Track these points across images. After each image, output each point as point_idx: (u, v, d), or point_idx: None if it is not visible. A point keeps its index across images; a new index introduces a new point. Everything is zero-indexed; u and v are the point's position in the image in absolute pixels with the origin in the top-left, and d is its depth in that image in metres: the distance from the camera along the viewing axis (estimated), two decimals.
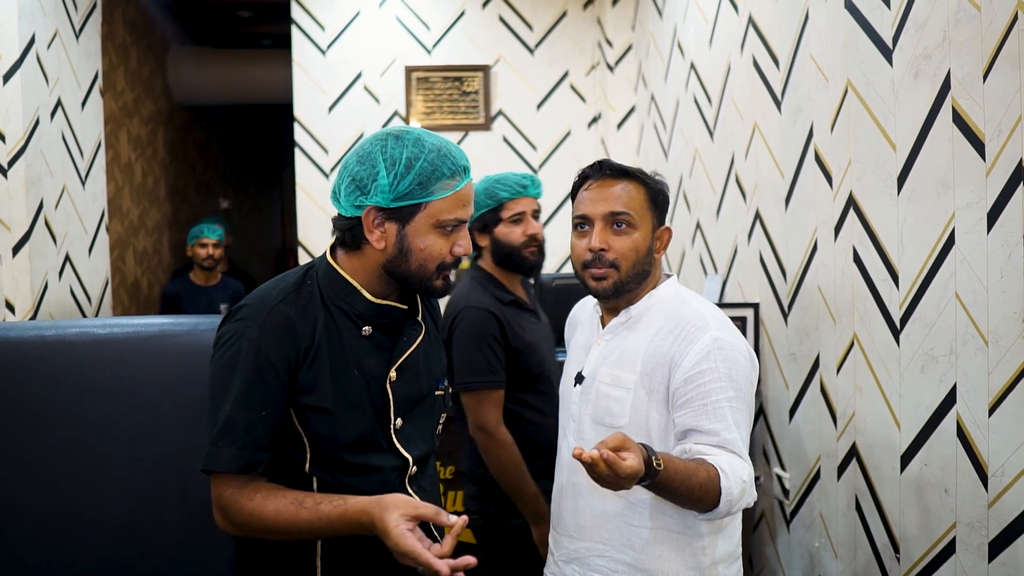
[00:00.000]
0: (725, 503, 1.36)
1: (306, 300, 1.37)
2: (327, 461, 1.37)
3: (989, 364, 1.71)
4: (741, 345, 1.50)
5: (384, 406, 1.41)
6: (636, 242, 1.54)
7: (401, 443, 1.42)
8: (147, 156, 5.42)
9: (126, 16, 5.01)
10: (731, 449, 1.41)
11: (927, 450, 1.93)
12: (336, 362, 1.36)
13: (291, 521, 1.28)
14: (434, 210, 1.35)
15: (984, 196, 1.71)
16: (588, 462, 1.19)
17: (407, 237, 1.35)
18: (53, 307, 3.04)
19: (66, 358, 1.62)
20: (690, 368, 1.45)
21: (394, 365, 1.42)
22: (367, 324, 1.40)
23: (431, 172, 1.33)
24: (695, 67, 3.48)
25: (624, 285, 1.55)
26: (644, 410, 1.49)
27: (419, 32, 4.49)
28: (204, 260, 4.41)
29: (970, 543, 1.77)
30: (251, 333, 1.32)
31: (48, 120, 3.03)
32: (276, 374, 1.32)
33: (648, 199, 1.56)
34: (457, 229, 1.38)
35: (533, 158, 4.57)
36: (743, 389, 1.47)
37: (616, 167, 1.57)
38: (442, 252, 1.37)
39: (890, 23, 2.03)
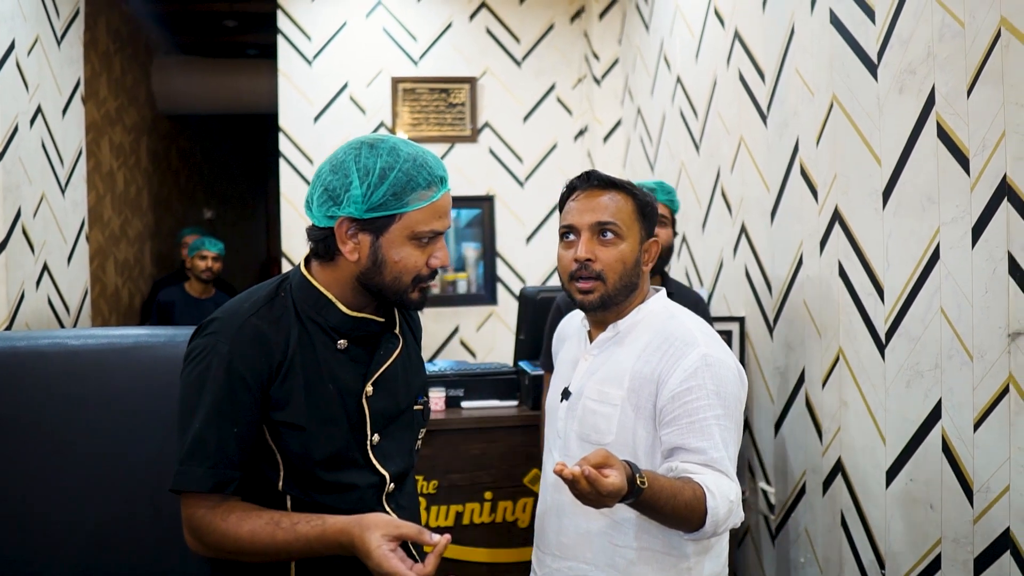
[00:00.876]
0: (711, 523, 1.32)
1: (279, 313, 1.33)
2: (301, 479, 1.32)
3: (974, 379, 1.70)
4: (730, 362, 1.47)
5: (360, 422, 1.36)
6: (623, 253, 1.52)
7: (378, 460, 1.37)
8: (130, 165, 5.37)
9: (110, 24, 4.97)
10: (718, 468, 1.37)
11: (912, 465, 1.92)
12: (310, 377, 1.32)
13: (267, 542, 1.23)
14: (409, 221, 1.30)
15: (969, 211, 1.71)
16: (569, 479, 1.16)
17: (381, 249, 1.31)
18: (30, 317, 2.99)
19: (39, 369, 1.59)
20: (677, 385, 1.42)
21: (370, 379, 1.37)
22: (342, 337, 1.35)
23: (406, 183, 1.29)
24: (681, 81, 3.49)
25: (611, 298, 1.52)
26: (631, 427, 1.46)
27: (406, 43, 4.49)
28: (203, 272, 4.38)
29: (955, 559, 1.76)
30: (222, 348, 1.27)
31: (27, 127, 2.99)
32: (248, 390, 1.27)
33: (636, 210, 1.54)
34: (434, 241, 1.33)
35: (519, 170, 4.57)
36: (731, 407, 1.43)
37: (604, 178, 1.55)
38: (417, 264, 1.32)
39: (875, 38, 2.04)
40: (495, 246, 4.56)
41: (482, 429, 2.55)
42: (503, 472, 2.56)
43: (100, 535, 1.59)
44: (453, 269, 4.61)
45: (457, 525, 2.52)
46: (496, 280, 4.55)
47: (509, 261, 4.56)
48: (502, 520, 2.55)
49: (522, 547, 2.55)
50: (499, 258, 4.56)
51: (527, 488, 2.56)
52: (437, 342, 4.49)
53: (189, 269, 4.46)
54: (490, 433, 2.56)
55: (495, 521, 2.55)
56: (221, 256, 4.45)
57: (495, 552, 2.55)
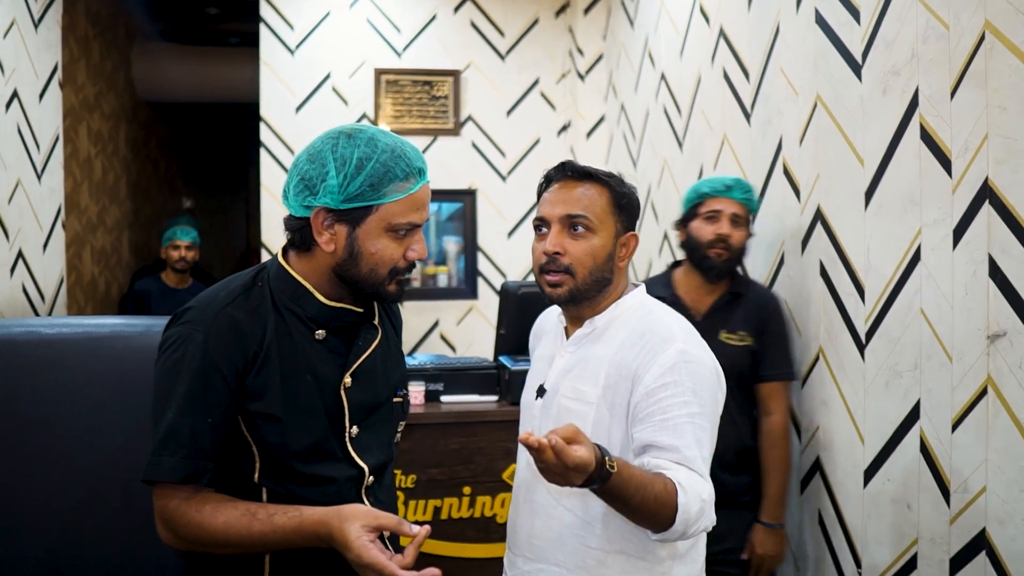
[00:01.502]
0: (681, 521, 1.27)
1: (256, 303, 1.31)
2: (277, 471, 1.30)
3: (953, 380, 1.71)
4: (708, 360, 1.43)
5: (339, 413, 1.34)
6: (594, 247, 1.46)
7: (357, 452, 1.36)
8: (108, 152, 5.29)
9: (89, 8, 4.89)
10: (690, 467, 1.32)
11: (890, 465, 1.93)
12: (287, 367, 1.30)
13: (243, 534, 1.22)
14: (386, 213, 1.28)
15: (950, 213, 1.72)
16: (535, 446, 1.11)
17: (357, 240, 1.29)
18: (3, 305, 2.93)
19: (12, 358, 1.56)
20: (652, 381, 1.37)
21: (348, 370, 1.35)
22: (320, 328, 1.34)
23: (383, 173, 1.27)
24: (665, 77, 3.49)
25: (581, 293, 1.47)
26: (606, 426, 1.42)
27: (389, 34, 4.45)
28: (177, 262, 4.31)
29: (932, 559, 1.78)
30: (197, 337, 1.26)
31: (3, 111, 2.93)
32: (223, 379, 1.26)
33: (612, 203, 1.49)
34: (411, 233, 1.31)
35: (502, 165, 4.55)
36: (707, 406, 1.38)
37: (579, 169, 1.50)
38: (394, 257, 1.30)
39: (859, 39, 2.04)
40: (476, 240, 4.54)
41: (461, 424, 2.54)
42: (482, 467, 2.55)
43: (71, 524, 1.56)
44: (434, 263, 4.59)
45: (435, 520, 2.51)
46: (477, 274, 4.54)
47: (490, 255, 4.54)
48: (481, 515, 2.55)
49: (500, 542, 2.54)
50: (480, 252, 4.54)
51: (506, 483, 2.55)
52: (417, 336, 4.47)
53: (164, 260, 4.41)
54: (470, 428, 2.55)
55: (473, 516, 2.54)
56: (195, 245, 4.38)
57: (473, 547, 2.55)
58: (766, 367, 2.25)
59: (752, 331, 2.26)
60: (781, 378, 2.26)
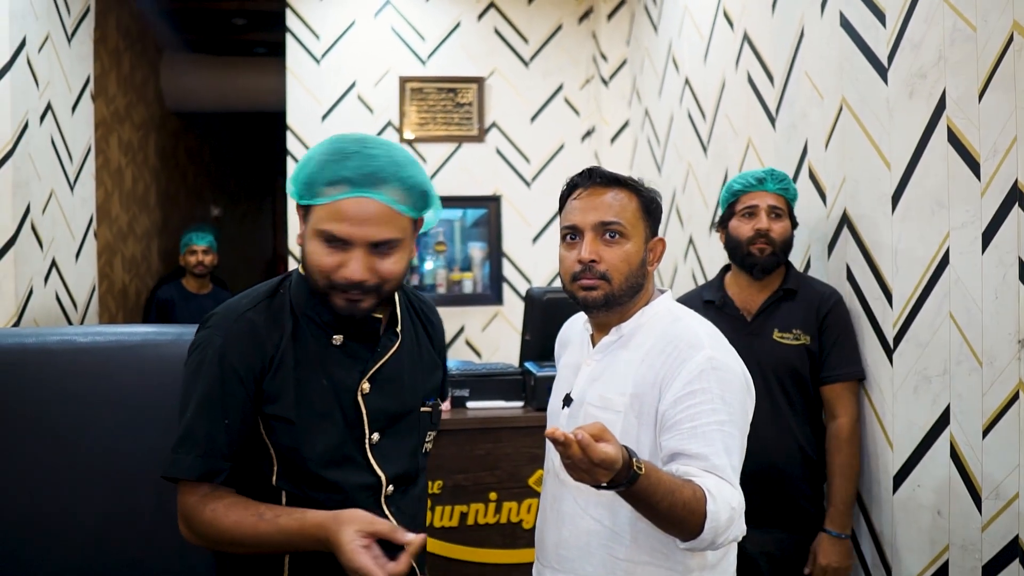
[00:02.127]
0: (710, 529, 1.24)
1: (277, 309, 1.34)
2: (294, 474, 1.32)
3: (983, 385, 1.69)
4: (737, 367, 1.40)
5: (357, 419, 1.34)
6: (628, 253, 1.45)
7: (376, 460, 1.35)
8: (138, 162, 5.38)
9: (120, 21, 4.98)
10: (720, 475, 1.29)
11: (920, 471, 1.91)
12: (302, 372, 1.31)
13: (248, 533, 1.24)
14: (315, 216, 1.27)
15: (979, 216, 1.70)
16: (561, 440, 1.10)
17: (305, 239, 1.30)
18: (38, 313, 3.00)
19: (47, 366, 1.59)
20: (681, 389, 1.35)
21: (366, 376, 1.35)
22: (337, 333, 1.34)
23: (316, 174, 1.26)
24: (689, 82, 3.48)
25: (616, 298, 1.45)
26: (634, 434, 1.39)
27: (414, 43, 4.49)
28: (195, 267, 4.39)
29: (963, 566, 1.76)
30: (216, 340, 1.29)
31: (37, 124, 3.00)
32: (240, 382, 1.28)
33: (641, 208, 1.48)
34: (345, 247, 1.25)
35: (526, 171, 4.56)
36: (736, 413, 1.35)
37: (606, 175, 1.49)
38: (322, 265, 1.26)
39: (885, 42, 2.03)
40: (501, 246, 4.56)
41: (487, 430, 2.55)
42: (508, 473, 2.55)
43: (103, 531, 1.59)
44: (459, 269, 4.62)
45: (462, 525, 2.52)
46: (502, 280, 4.55)
47: (515, 261, 4.56)
48: (507, 521, 2.55)
49: (527, 548, 2.55)
50: (505, 258, 4.56)
51: (532, 489, 2.55)
52: None
53: (184, 266, 4.47)
54: (495, 434, 2.56)
55: (500, 522, 2.55)
56: (212, 249, 4.43)
57: (499, 553, 2.55)
58: (828, 367, 2.13)
59: (809, 329, 2.15)
60: (844, 379, 2.12)
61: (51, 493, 1.58)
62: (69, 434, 1.58)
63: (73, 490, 1.58)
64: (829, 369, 2.13)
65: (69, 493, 1.58)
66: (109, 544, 1.59)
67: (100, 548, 1.59)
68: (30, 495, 1.57)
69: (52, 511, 1.58)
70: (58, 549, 1.58)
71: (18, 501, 1.57)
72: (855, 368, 2.14)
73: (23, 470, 1.58)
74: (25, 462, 1.58)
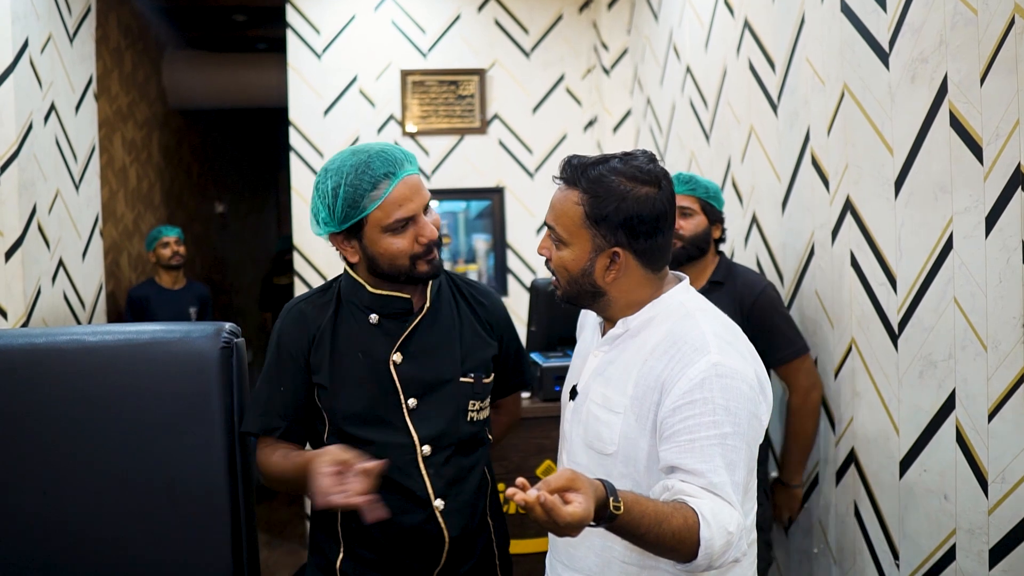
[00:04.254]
0: (704, 555, 1.18)
1: (327, 300, 1.65)
2: (337, 432, 1.60)
3: (988, 369, 1.70)
4: (747, 372, 1.31)
5: (391, 386, 1.59)
6: (564, 260, 1.39)
7: (413, 422, 1.58)
8: (142, 160, 5.40)
9: (120, 20, 4.99)
10: (719, 494, 1.22)
11: (926, 456, 1.92)
12: (340, 345, 1.59)
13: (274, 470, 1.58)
14: (374, 220, 1.51)
15: (982, 200, 1.70)
16: (522, 504, 1.05)
17: (368, 248, 1.55)
18: (46, 313, 3.02)
19: (57, 366, 1.61)
20: (680, 397, 1.27)
21: (395, 348, 1.59)
22: (374, 313, 1.60)
23: (353, 192, 1.49)
24: (691, 71, 3.47)
25: (570, 298, 1.43)
26: (634, 438, 1.34)
27: (414, 36, 4.48)
28: (171, 259, 4.32)
29: (970, 550, 1.76)
30: (278, 325, 1.65)
31: (41, 124, 3.01)
32: (292, 358, 1.60)
33: (585, 216, 1.35)
34: (407, 225, 1.52)
35: (529, 162, 4.56)
36: (742, 424, 1.26)
37: (568, 173, 1.39)
38: (403, 249, 1.53)
39: (886, 27, 2.02)
40: (505, 237, 4.56)
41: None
42: (516, 464, 2.57)
43: (117, 530, 1.61)
44: (464, 261, 4.62)
45: None
46: (506, 271, 4.56)
47: (519, 252, 4.56)
48: (516, 511, 2.56)
49: (536, 538, 2.56)
50: (509, 249, 4.56)
51: (540, 480, 2.57)
52: None
53: (156, 263, 4.41)
54: None
55: (508, 512, 2.56)
56: (182, 239, 4.43)
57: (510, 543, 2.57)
58: (771, 352, 2.28)
59: (737, 319, 2.18)
60: (787, 360, 2.32)
61: (62, 492, 1.60)
62: (80, 434, 1.60)
63: (85, 489, 1.60)
64: (772, 354, 2.29)
65: (81, 492, 1.60)
66: (121, 543, 1.61)
67: (111, 547, 1.61)
68: (42, 494, 1.59)
69: (65, 509, 1.59)
70: (71, 548, 1.59)
71: (31, 500, 1.59)
72: (793, 349, 2.32)
73: (34, 470, 1.59)
74: (35, 462, 1.59)
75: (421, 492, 1.59)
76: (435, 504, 1.59)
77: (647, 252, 1.38)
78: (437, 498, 1.59)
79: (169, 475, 1.59)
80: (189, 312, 4.36)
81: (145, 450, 1.60)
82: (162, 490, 1.60)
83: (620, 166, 1.37)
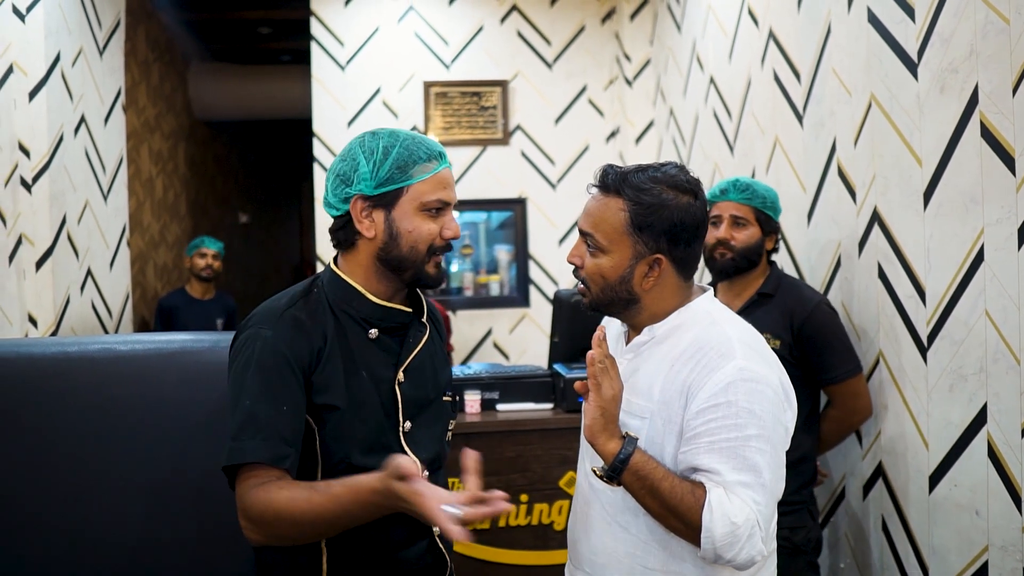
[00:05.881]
0: (707, 540, 1.22)
1: (314, 307, 1.40)
2: (337, 467, 1.36)
3: (1022, 383, 1.67)
4: (772, 378, 1.32)
5: (393, 408, 1.42)
6: (602, 267, 1.39)
7: (410, 446, 1.42)
8: (168, 171, 5.47)
9: (149, 33, 5.06)
10: (730, 490, 1.25)
11: (956, 470, 1.89)
12: (347, 364, 1.38)
13: (304, 508, 1.23)
14: (416, 192, 1.38)
15: (1015, 211, 1.68)
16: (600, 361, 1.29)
17: (395, 222, 1.39)
18: (75, 321, 3.06)
19: (88, 374, 1.62)
20: (705, 400, 1.29)
21: (402, 366, 1.43)
22: (373, 327, 1.42)
23: (407, 156, 1.38)
24: (715, 81, 3.46)
25: (599, 306, 1.43)
26: (659, 442, 1.35)
27: (437, 47, 4.51)
28: (203, 270, 4.39)
29: (1003, 567, 1.73)
30: (265, 333, 1.34)
31: (72, 136, 3.06)
32: (292, 371, 1.32)
33: (628, 222, 1.37)
34: (443, 212, 1.41)
35: (551, 173, 4.57)
36: (768, 426, 1.28)
37: (606, 181, 1.41)
38: (431, 233, 1.40)
39: (915, 36, 2.01)
40: (527, 248, 4.57)
41: (517, 432, 2.56)
42: (539, 475, 2.56)
43: (145, 538, 1.61)
44: (486, 271, 4.63)
45: (493, 527, 2.53)
46: (529, 282, 4.56)
47: (541, 263, 4.56)
48: (538, 523, 2.56)
49: (558, 550, 2.55)
50: (531, 260, 4.56)
51: (563, 491, 2.56)
52: (470, 345, 4.51)
53: (189, 269, 4.48)
54: (525, 436, 2.56)
55: (531, 524, 2.55)
56: (220, 255, 4.47)
57: (531, 555, 2.56)
58: (822, 371, 2.19)
59: (781, 333, 2.19)
60: (839, 380, 2.20)
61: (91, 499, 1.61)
62: (110, 442, 1.61)
63: (113, 496, 1.61)
64: (823, 372, 2.21)
65: (109, 499, 1.61)
66: (149, 552, 1.61)
67: (140, 556, 1.61)
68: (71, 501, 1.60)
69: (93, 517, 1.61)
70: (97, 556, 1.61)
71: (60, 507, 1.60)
72: (844, 369, 2.21)
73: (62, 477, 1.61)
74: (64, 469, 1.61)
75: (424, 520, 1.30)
76: (435, 530, 1.44)
77: (684, 260, 1.41)
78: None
79: (197, 484, 1.60)
80: (216, 323, 4.41)
81: (174, 458, 1.61)
82: (190, 499, 1.61)
83: (660, 176, 1.41)
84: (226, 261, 6.70)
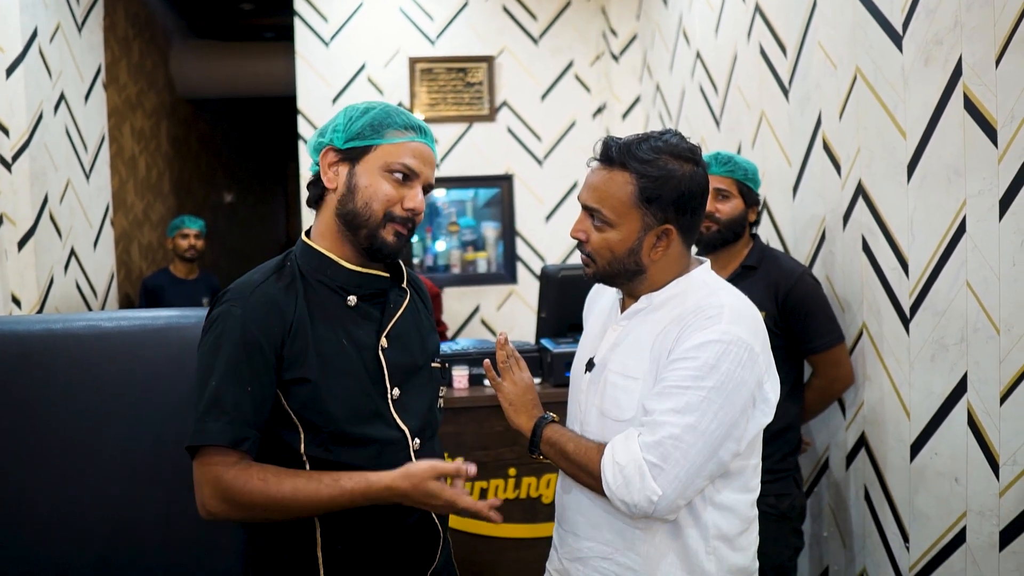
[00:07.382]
0: (605, 487, 1.33)
1: (288, 280, 1.40)
2: (322, 438, 1.36)
3: (1000, 352, 1.70)
4: (753, 344, 1.33)
5: (379, 375, 1.41)
6: (610, 241, 1.40)
7: (399, 414, 1.42)
8: (151, 150, 5.41)
9: (128, 9, 4.99)
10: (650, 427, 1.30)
11: (937, 439, 1.92)
12: (322, 334, 1.37)
13: (312, 499, 1.28)
14: (383, 152, 1.39)
15: (996, 183, 1.69)
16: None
17: (355, 176, 1.39)
18: (59, 301, 3.04)
19: (73, 351, 1.62)
20: (680, 354, 1.32)
21: (384, 332, 1.43)
22: (350, 294, 1.41)
23: (384, 118, 1.40)
24: (701, 56, 3.46)
25: (605, 278, 1.45)
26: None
27: (422, 23, 4.47)
28: (186, 251, 4.37)
29: (981, 532, 1.77)
30: (236, 311, 1.33)
31: (52, 114, 3.02)
32: (261, 352, 1.32)
33: (635, 195, 1.37)
34: (410, 182, 1.40)
35: (538, 149, 4.56)
36: (727, 382, 1.30)
37: (609, 154, 1.41)
38: (388, 196, 1.37)
39: (900, 8, 2.01)
40: (514, 225, 4.56)
41: None
42: (527, 449, 2.58)
43: (134, 515, 1.62)
44: (473, 249, 4.63)
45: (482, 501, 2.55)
46: (516, 259, 4.56)
47: (528, 240, 4.56)
48: (527, 496, 2.58)
49: (547, 522, 2.57)
50: (518, 237, 4.56)
51: (550, 465, 2.58)
52: (458, 321, 4.52)
53: (173, 250, 4.46)
54: None
55: (519, 497, 2.58)
56: (203, 234, 4.45)
57: (520, 527, 2.58)
58: (805, 341, 2.23)
59: (765, 305, 2.20)
60: (821, 349, 2.24)
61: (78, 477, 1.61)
62: (97, 419, 1.61)
63: (101, 475, 1.61)
64: (806, 342, 2.25)
65: (96, 477, 1.61)
66: (138, 528, 1.62)
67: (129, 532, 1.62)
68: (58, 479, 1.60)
69: (80, 495, 1.61)
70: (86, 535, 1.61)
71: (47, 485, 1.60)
72: (827, 338, 2.25)
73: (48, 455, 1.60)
74: (53, 449, 1.60)
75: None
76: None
77: (689, 228, 1.43)
78: None
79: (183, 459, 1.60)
80: (202, 301, 4.40)
81: (160, 434, 1.62)
82: (179, 475, 1.61)
83: (663, 145, 1.40)
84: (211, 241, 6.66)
